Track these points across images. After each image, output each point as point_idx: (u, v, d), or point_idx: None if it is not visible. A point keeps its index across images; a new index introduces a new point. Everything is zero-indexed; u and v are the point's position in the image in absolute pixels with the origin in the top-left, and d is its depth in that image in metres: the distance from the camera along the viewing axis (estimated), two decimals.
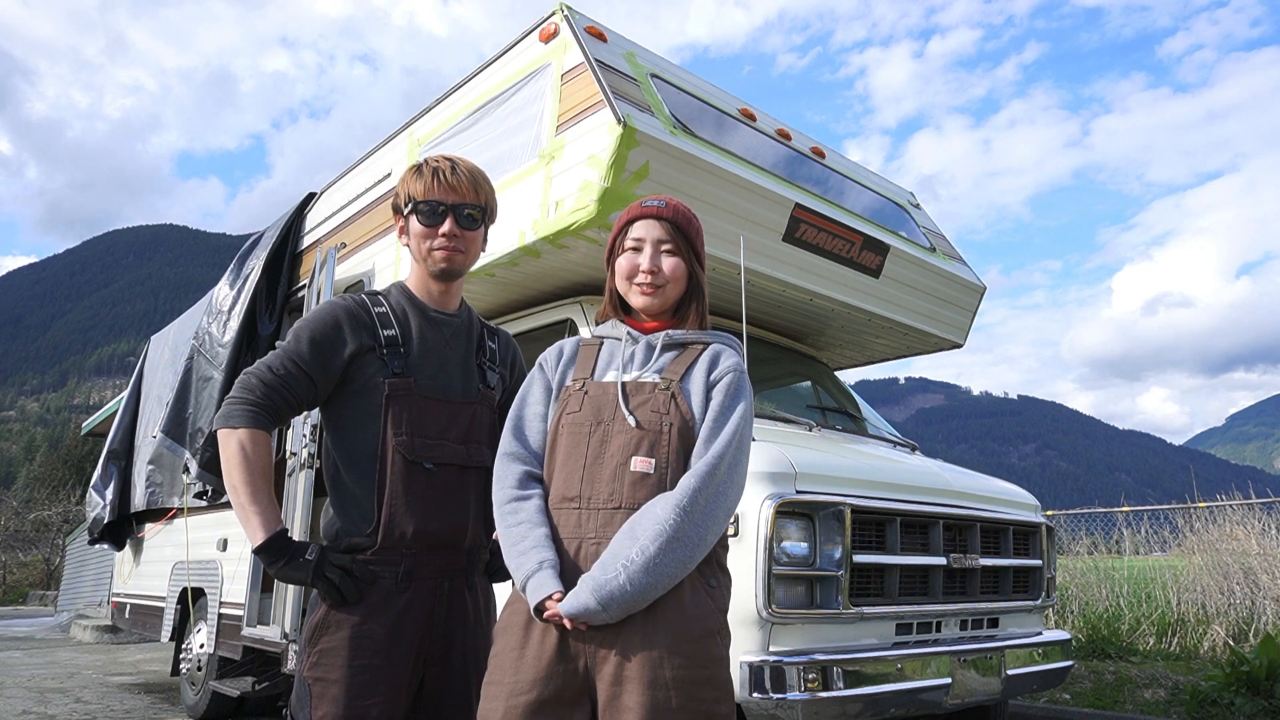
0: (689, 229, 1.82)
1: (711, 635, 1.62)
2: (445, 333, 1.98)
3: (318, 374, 1.86)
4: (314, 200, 5.83)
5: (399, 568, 1.82)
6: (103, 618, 11.76)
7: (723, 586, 1.70)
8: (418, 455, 1.85)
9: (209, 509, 5.90)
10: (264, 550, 1.78)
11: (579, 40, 3.68)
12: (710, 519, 1.60)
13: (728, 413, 1.68)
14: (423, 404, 1.88)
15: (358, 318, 1.91)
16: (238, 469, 1.79)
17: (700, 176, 3.61)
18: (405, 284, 2.03)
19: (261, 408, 1.82)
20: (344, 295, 2.00)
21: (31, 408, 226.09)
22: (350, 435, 1.88)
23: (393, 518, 1.81)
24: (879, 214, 4.88)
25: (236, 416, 1.81)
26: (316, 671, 1.76)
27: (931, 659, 3.08)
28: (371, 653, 1.76)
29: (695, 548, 1.58)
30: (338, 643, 1.77)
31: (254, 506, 1.78)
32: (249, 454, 1.80)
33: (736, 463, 1.65)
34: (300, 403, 1.87)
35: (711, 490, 1.60)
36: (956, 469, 3.99)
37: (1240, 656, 5.27)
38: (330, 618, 1.79)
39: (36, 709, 5.93)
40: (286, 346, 1.88)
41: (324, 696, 1.74)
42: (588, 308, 3.87)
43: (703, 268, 1.85)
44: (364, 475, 1.84)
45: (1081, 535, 9.12)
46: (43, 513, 23.84)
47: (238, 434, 1.80)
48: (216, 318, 5.93)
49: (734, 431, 1.66)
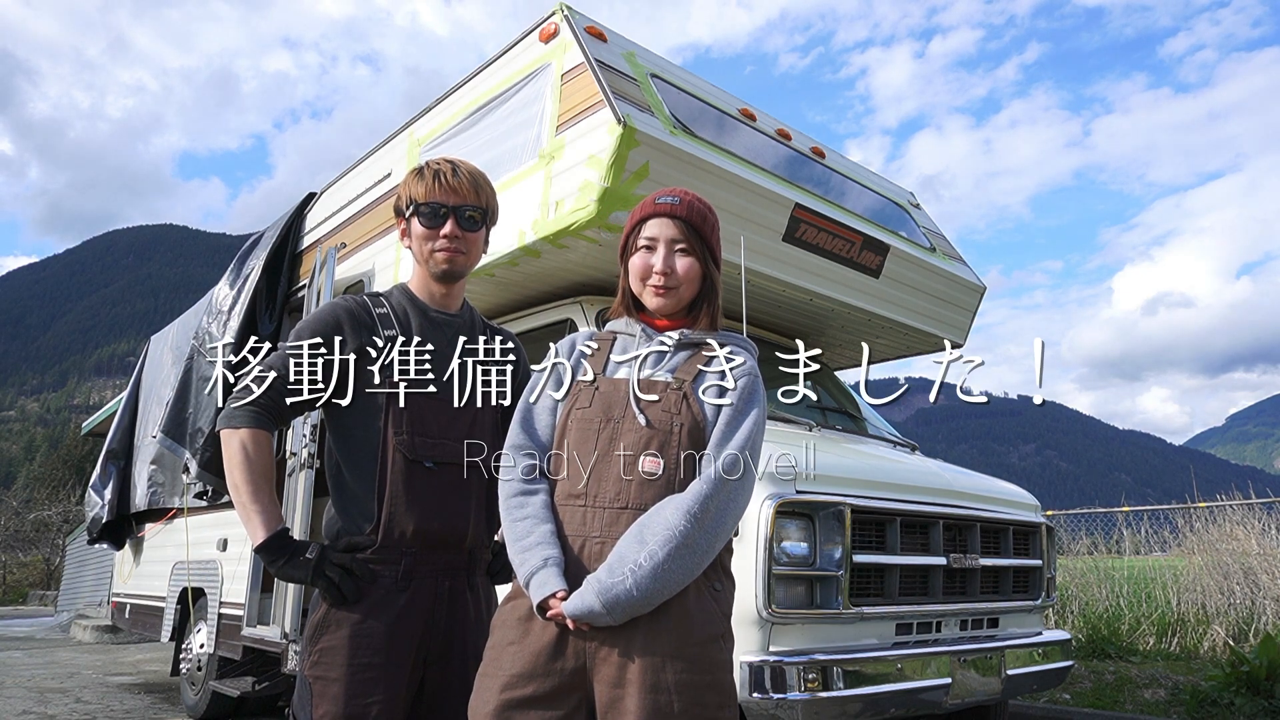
0: (703, 226, 1.76)
1: (715, 640, 1.60)
2: (447, 333, 1.98)
3: (320, 374, 1.88)
4: (314, 200, 5.83)
5: (399, 566, 1.82)
6: (103, 618, 11.75)
7: (726, 590, 1.69)
8: (419, 454, 1.85)
9: (209, 509, 5.90)
10: (265, 549, 1.80)
11: (579, 40, 3.68)
12: (720, 526, 1.58)
13: (741, 416, 1.64)
14: (423, 404, 1.88)
15: (358, 318, 1.92)
16: (239, 468, 1.82)
17: (700, 176, 3.61)
18: (407, 285, 2.05)
19: (263, 408, 1.85)
20: (345, 296, 2.02)
21: (31, 408, 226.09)
22: (351, 434, 1.89)
23: (393, 516, 1.82)
24: (879, 214, 4.88)
25: (238, 417, 1.84)
26: (317, 670, 1.77)
27: (931, 659, 3.08)
28: (372, 651, 1.77)
29: (704, 555, 1.56)
30: (338, 641, 1.77)
31: (255, 505, 1.81)
32: (250, 454, 1.82)
33: (749, 469, 1.62)
34: (302, 404, 1.89)
35: (723, 497, 1.58)
36: (956, 469, 3.99)
37: (1240, 656, 5.27)
38: (331, 616, 1.80)
39: (36, 709, 5.93)
40: (287, 348, 1.90)
41: (325, 695, 1.75)
42: (588, 308, 3.87)
43: (718, 266, 1.79)
44: (365, 474, 1.85)
45: (1081, 535, 9.12)
46: (43, 513, 23.84)
47: (239, 434, 1.83)
48: (216, 318, 5.93)
49: (747, 436, 1.63)
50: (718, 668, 1.59)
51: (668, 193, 1.79)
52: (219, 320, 5.87)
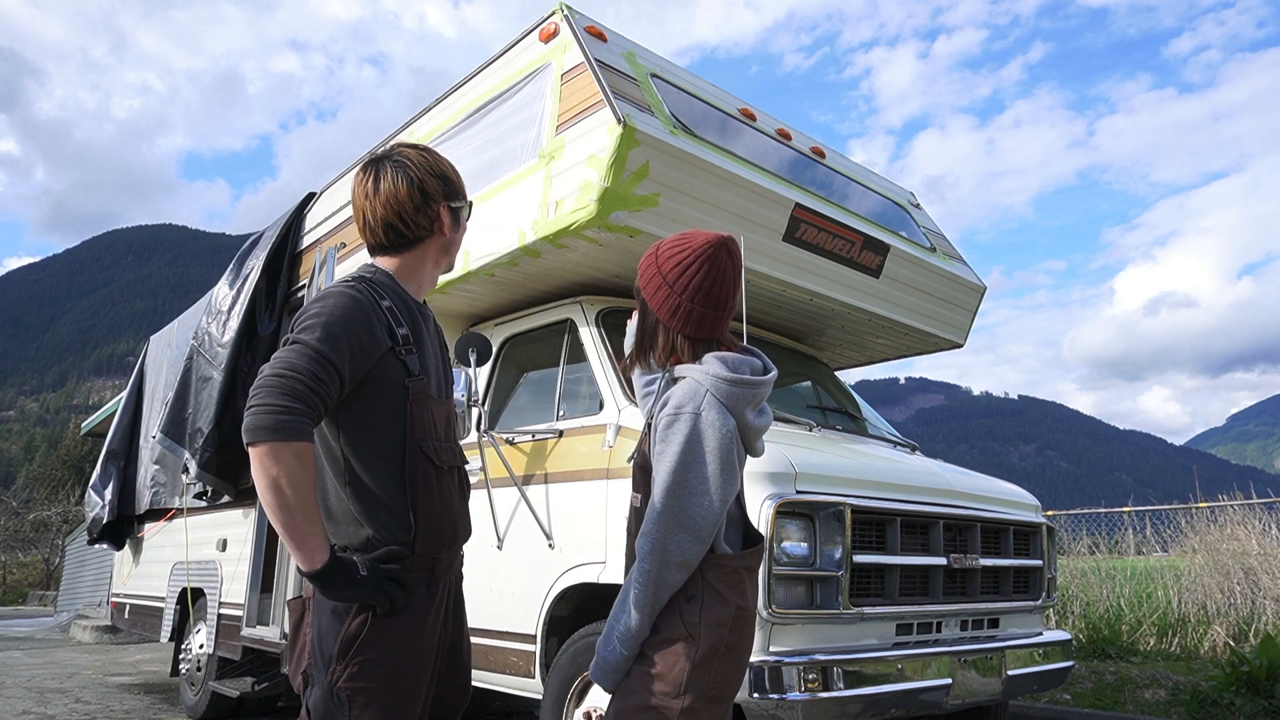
0: (640, 277, 1.90)
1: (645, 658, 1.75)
2: (428, 328, 1.95)
3: (349, 375, 1.72)
4: (314, 200, 5.83)
5: (431, 572, 1.79)
6: (102, 618, 11.76)
7: (700, 597, 1.76)
8: (442, 459, 1.83)
9: (209, 509, 5.90)
10: (325, 573, 1.65)
11: (579, 40, 3.68)
12: (666, 568, 1.70)
13: (659, 460, 1.74)
14: (433, 405, 1.85)
15: (379, 316, 1.79)
16: (292, 486, 1.59)
17: (700, 176, 3.60)
18: (389, 272, 1.91)
19: (309, 416, 1.64)
20: (352, 286, 1.81)
21: (31, 408, 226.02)
22: (372, 438, 1.78)
23: (428, 523, 1.78)
24: (879, 214, 4.88)
25: (287, 428, 1.59)
26: (359, 682, 1.69)
27: (932, 659, 3.08)
28: (413, 657, 1.75)
29: (662, 595, 1.71)
30: (384, 653, 1.71)
31: (310, 528, 1.63)
32: (305, 469, 1.62)
33: (680, 511, 1.70)
34: (331, 406, 1.72)
35: (657, 554, 1.70)
36: (957, 469, 3.99)
37: (1240, 657, 5.26)
38: (373, 627, 1.71)
39: (36, 709, 5.93)
40: (319, 345, 1.68)
41: (369, 706, 1.69)
42: (588, 308, 3.87)
43: (653, 305, 1.85)
44: (392, 480, 1.77)
45: (1082, 535, 9.12)
46: (42, 513, 23.85)
47: (293, 446, 1.59)
48: (216, 318, 5.92)
49: (664, 485, 1.71)
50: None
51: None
52: (219, 320, 5.87)
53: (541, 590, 3.45)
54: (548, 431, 3.65)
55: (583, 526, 3.35)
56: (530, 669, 3.46)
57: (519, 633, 3.53)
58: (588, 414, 3.57)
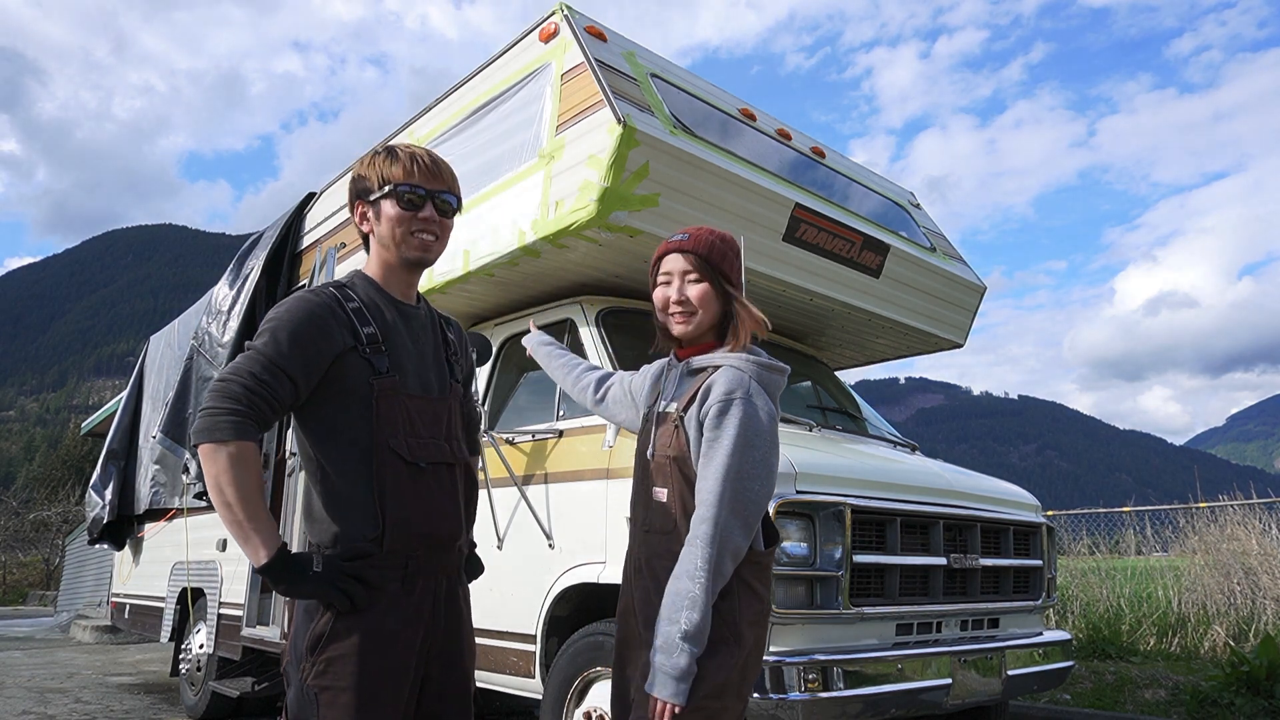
0: (712, 254, 1.93)
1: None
2: (415, 327, 1.94)
3: (300, 376, 1.75)
4: (313, 200, 5.83)
5: (403, 570, 1.78)
6: (102, 618, 11.75)
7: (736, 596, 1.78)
8: (414, 455, 1.82)
9: (209, 509, 5.90)
10: (270, 569, 1.68)
11: (579, 40, 3.68)
12: (724, 557, 1.72)
13: (713, 446, 1.75)
14: (409, 403, 1.84)
15: (336, 315, 1.81)
16: (230, 485, 1.66)
17: (700, 176, 3.60)
18: (368, 274, 1.93)
19: (248, 416, 1.69)
20: (314, 290, 1.85)
21: (31, 408, 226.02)
22: (339, 438, 1.80)
23: (397, 520, 1.77)
24: (879, 214, 4.88)
25: (223, 428, 1.67)
26: (324, 680, 1.71)
27: (932, 659, 3.08)
28: (380, 657, 1.74)
29: (720, 582, 1.73)
30: (347, 649, 1.72)
31: (252, 525, 1.68)
32: (241, 468, 1.67)
33: (738, 496, 1.72)
34: (283, 407, 1.76)
35: (717, 540, 1.71)
36: (957, 469, 3.99)
37: (1240, 656, 5.26)
38: (338, 624, 1.73)
39: (36, 709, 5.93)
40: (264, 349, 1.74)
41: (334, 704, 1.70)
42: (588, 308, 3.87)
43: (736, 287, 1.95)
44: (360, 478, 1.78)
45: (1082, 535, 9.12)
46: (42, 513, 23.84)
47: (227, 447, 1.66)
48: (216, 318, 5.93)
49: (723, 468, 1.72)
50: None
51: (680, 231, 2.00)
52: (218, 320, 5.87)
53: (541, 590, 3.45)
54: (548, 431, 3.65)
55: (583, 526, 3.35)
56: (530, 669, 3.46)
57: (519, 633, 3.54)
58: (588, 414, 3.56)
